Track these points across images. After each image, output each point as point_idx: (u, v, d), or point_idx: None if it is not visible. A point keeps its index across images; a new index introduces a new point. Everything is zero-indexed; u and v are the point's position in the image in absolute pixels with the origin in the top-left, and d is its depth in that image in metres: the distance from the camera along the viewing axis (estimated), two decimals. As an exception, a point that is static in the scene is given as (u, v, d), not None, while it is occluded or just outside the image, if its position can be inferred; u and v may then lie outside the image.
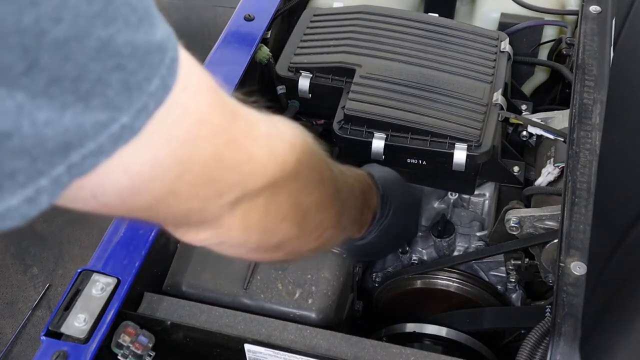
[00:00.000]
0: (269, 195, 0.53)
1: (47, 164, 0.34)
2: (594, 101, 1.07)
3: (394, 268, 1.21)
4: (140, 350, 0.88)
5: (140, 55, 0.36)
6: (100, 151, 0.36)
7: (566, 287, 0.84)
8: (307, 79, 1.17)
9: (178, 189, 0.44)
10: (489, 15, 1.42)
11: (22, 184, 0.34)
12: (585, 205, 0.93)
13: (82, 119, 0.34)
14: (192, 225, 0.52)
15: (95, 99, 0.35)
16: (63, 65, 0.33)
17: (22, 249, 2.25)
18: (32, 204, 0.35)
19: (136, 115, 0.37)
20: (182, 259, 1.00)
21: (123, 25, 0.35)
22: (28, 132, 0.33)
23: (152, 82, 0.37)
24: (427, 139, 1.04)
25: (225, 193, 0.48)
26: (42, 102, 0.33)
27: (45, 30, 0.32)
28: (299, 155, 0.55)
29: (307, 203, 0.60)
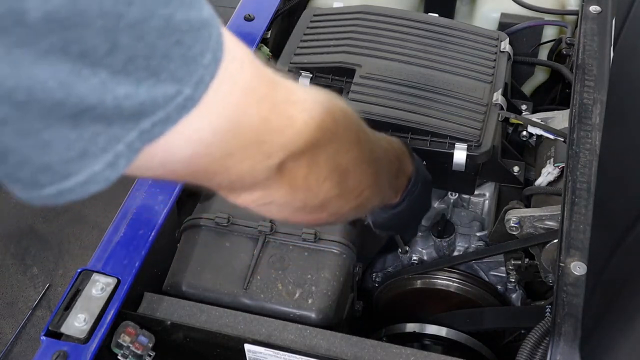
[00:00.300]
0: (310, 156, 0.57)
1: (122, 130, 0.39)
2: (594, 101, 1.07)
3: (394, 268, 1.21)
4: (140, 350, 0.88)
5: (194, 31, 0.40)
6: (167, 120, 0.41)
7: (566, 287, 0.84)
8: (307, 79, 1.17)
9: (233, 152, 0.49)
10: (489, 15, 1.42)
11: (103, 149, 0.39)
12: (585, 205, 0.93)
13: (154, 92, 0.39)
14: (244, 188, 0.56)
15: (163, 73, 0.39)
16: (136, 44, 0.37)
17: (22, 249, 2.25)
18: (113, 167, 0.40)
19: (196, 87, 0.41)
20: (182, 259, 1.00)
21: (179, 4, 0.39)
22: (110, 105, 0.37)
23: (206, 55, 0.41)
24: (427, 139, 1.04)
25: (272, 154, 0.53)
26: (121, 78, 0.37)
27: (121, 13, 0.36)
28: (335, 117, 0.60)
29: (346, 162, 0.64)
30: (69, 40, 0.34)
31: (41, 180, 0.38)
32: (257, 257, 0.98)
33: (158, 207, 1.03)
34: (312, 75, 1.17)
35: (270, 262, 0.98)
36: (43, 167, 0.38)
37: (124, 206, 1.04)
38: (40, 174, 0.38)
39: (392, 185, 0.82)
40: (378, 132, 0.76)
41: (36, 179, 0.38)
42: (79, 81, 0.36)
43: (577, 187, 0.95)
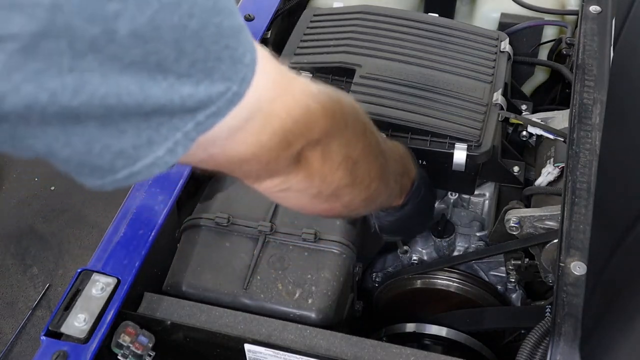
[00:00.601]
0: (324, 145, 0.63)
1: (182, 121, 0.45)
2: (594, 101, 1.07)
3: (394, 268, 1.21)
4: (140, 350, 0.88)
5: (237, 35, 0.47)
6: (218, 112, 0.47)
7: (566, 287, 0.84)
8: (307, 79, 1.16)
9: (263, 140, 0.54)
10: (489, 15, 1.42)
11: (165, 137, 0.45)
12: (585, 205, 0.93)
13: (210, 91, 0.45)
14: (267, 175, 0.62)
15: (216, 74, 0.45)
16: (197, 50, 0.43)
17: (22, 249, 2.25)
18: (172, 153, 0.46)
19: (241, 84, 0.47)
20: (182, 259, 1.00)
21: (226, 12, 0.45)
22: (177, 103, 0.44)
23: (246, 56, 0.48)
24: (427, 139, 1.04)
25: (294, 142, 0.58)
26: (185, 80, 0.43)
27: (186, 25, 0.42)
28: (344, 109, 0.65)
29: (355, 152, 0.69)
30: (148, 52, 0.40)
31: (117, 165, 0.45)
32: (257, 257, 0.98)
33: (158, 207, 1.03)
34: (312, 75, 1.17)
35: (270, 262, 0.98)
36: (119, 152, 0.44)
37: (124, 206, 1.04)
38: (116, 159, 0.44)
39: (398, 183, 0.86)
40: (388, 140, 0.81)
41: (113, 164, 0.45)
42: (154, 86, 0.42)
43: (577, 187, 0.95)
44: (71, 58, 0.37)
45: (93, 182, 0.46)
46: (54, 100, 0.38)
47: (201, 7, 0.42)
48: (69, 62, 0.37)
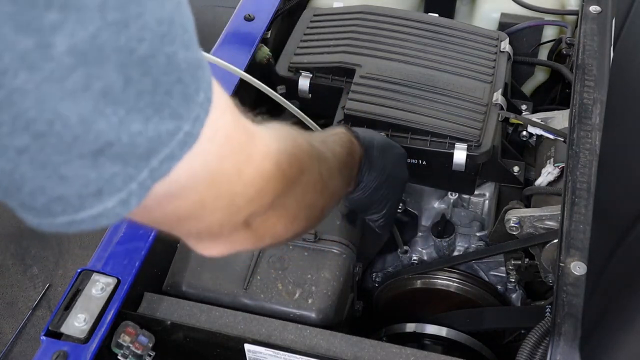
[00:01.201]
0: (279, 206, 0.59)
1: (135, 169, 0.40)
2: (594, 101, 1.07)
3: (394, 268, 1.21)
4: (140, 350, 0.88)
5: (192, 70, 0.42)
6: (172, 156, 0.42)
7: (566, 287, 0.84)
8: (307, 79, 1.17)
9: (206, 200, 0.49)
10: (489, 15, 1.42)
11: (119, 188, 0.40)
12: (585, 205, 0.93)
13: (159, 129, 0.40)
14: (212, 239, 0.58)
15: (165, 110, 0.40)
16: (143, 80, 0.38)
17: (22, 249, 2.25)
18: (125, 205, 0.41)
19: (193, 124, 0.42)
20: (182, 259, 1.00)
21: (180, 44, 0.40)
22: (125, 142, 0.38)
23: (200, 94, 0.43)
24: (427, 139, 1.04)
25: (243, 208, 0.54)
26: (134, 115, 0.38)
27: (133, 48, 0.37)
28: (300, 163, 0.61)
29: (312, 199, 0.67)
30: (91, 75, 0.36)
31: (54, 210, 0.39)
32: (257, 257, 0.98)
33: (158, 207, 1.03)
34: (312, 75, 1.17)
35: (270, 262, 0.98)
36: (57, 198, 0.39)
37: (124, 206, 1.04)
38: (54, 204, 0.39)
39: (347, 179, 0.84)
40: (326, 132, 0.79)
41: (49, 208, 0.39)
42: (98, 118, 0.37)
43: (577, 187, 0.95)
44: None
45: (31, 221, 0.41)
46: None
47: (152, 32, 0.38)
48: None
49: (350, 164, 0.84)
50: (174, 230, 0.54)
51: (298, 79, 1.17)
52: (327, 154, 0.73)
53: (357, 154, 0.86)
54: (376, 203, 0.95)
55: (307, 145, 0.66)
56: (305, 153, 0.64)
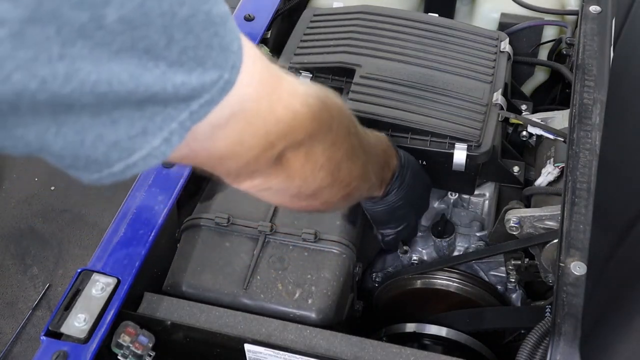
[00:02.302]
0: (308, 147, 0.63)
1: (176, 110, 0.45)
2: (594, 101, 1.07)
3: (394, 268, 1.21)
4: (140, 350, 0.88)
5: (225, 22, 0.46)
6: (211, 101, 0.47)
7: (566, 287, 0.84)
8: (307, 79, 1.17)
9: (244, 139, 0.54)
10: (489, 15, 1.42)
11: (160, 127, 0.44)
12: (585, 205, 0.93)
13: (203, 79, 0.45)
14: (248, 174, 0.62)
15: (208, 62, 0.45)
16: (187, 38, 0.43)
17: (22, 249, 2.25)
18: (168, 143, 0.45)
19: (231, 71, 0.47)
20: (182, 259, 1.00)
21: (214, 1, 0.45)
22: (170, 91, 0.43)
23: (234, 43, 0.48)
24: (427, 139, 1.04)
25: (276, 144, 0.58)
26: (177, 68, 0.43)
27: (175, 12, 0.41)
28: (331, 111, 0.65)
29: (339, 154, 0.69)
30: (136, 38, 0.40)
31: (112, 157, 0.44)
32: (257, 257, 0.98)
33: (158, 207, 1.03)
34: (312, 75, 1.17)
35: (270, 262, 0.98)
36: (113, 143, 0.43)
37: (124, 206, 1.04)
38: (111, 150, 0.44)
39: (378, 177, 0.87)
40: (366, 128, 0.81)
41: (108, 157, 0.44)
42: (145, 72, 0.41)
43: (577, 187, 0.95)
44: (60, 45, 0.37)
45: (89, 176, 0.45)
46: (44, 88, 0.37)
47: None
48: (58, 49, 0.37)
49: (384, 162, 0.88)
50: (215, 169, 0.59)
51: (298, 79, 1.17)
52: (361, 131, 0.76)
53: (392, 163, 0.91)
54: (394, 220, 0.99)
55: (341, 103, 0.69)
56: (336, 106, 0.67)
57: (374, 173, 0.85)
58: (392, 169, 0.92)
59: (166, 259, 1.02)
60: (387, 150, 0.90)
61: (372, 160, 0.82)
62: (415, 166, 0.98)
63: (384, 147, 0.88)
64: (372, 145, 0.82)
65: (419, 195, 1.00)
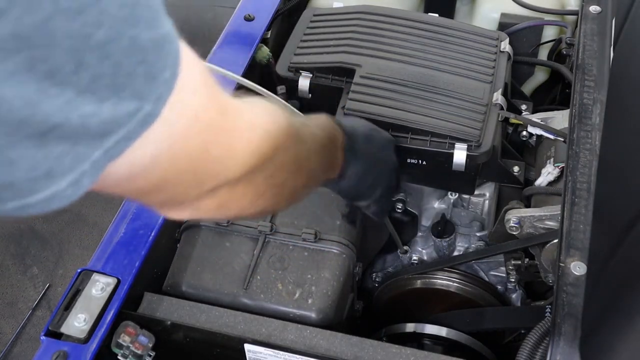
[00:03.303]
0: (246, 182, 0.59)
1: (88, 148, 0.39)
2: (594, 101, 1.07)
3: (394, 268, 1.21)
4: (140, 350, 0.88)
5: (157, 48, 0.41)
6: (129, 136, 0.41)
7: (566, 287, 0.84)
8: (307, 79, 1.17)
9: (168, 176, 0.49)
10: (489, 15, 1.42)
11: (70, 168, 0.39)
12: (585, 205, 0.93)
13: (116, 110, 0.39)
14: (175, 206, 0.58)
15: (126, 91, 0.39)
16: (102, 63, 0.37)
17: (22, 249, 2.25)
18: (77, 186, 0.40)
19: (156, 103, 0.41)
20: (182, 259, 1.00)
21: (145, 24, 0.39)
22: (75, 123, 0.37)
23: (166, 71, 0.42)
24: (427, 139, 1.04)
25: (206, 182, 0.54)
26: (87, 96, 0.37)
27: (89, 34, 0.36)
28: (275, 141, 0.61)
29: (282, 179, 0.67)
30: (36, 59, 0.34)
31: (3, 197, 0.38)
32: (257, 257, 0.98)
33: (158, 207, 1.03)
34: (312, 75, 1.17)
35: (270, 262, 0.98)
36: (6, 185, 0.37)
37: (124, 206, 1.04)
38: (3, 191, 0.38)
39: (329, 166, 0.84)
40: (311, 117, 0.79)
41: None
42: (45, 100, 0.35)
43: (577, 187, 0.95)
44: None
45: None
46: None
47: (113, 16, 0.37)
48: None
49: (331, 148, 0.84)
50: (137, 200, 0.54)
51: (298, 79, 1.17)
52: (306, 136, 0.73)
53: (338, 141, 0.86)
54: (365, 191, 0.94)
55: (286, 123, 0.65)
56: (282, 131, 0.63)
57: (323, 167, 0.82)
58: (340, 148, 0.87)
59: (166, 259, 1.02)
60: (334, 134, 0.84)
61: (320, 157, 0.79)
62: (364, 132, 0.92)
63: (330, 134, 0.83)
64: (319, 140, 0.78)
65: (378, 156, 0.94)
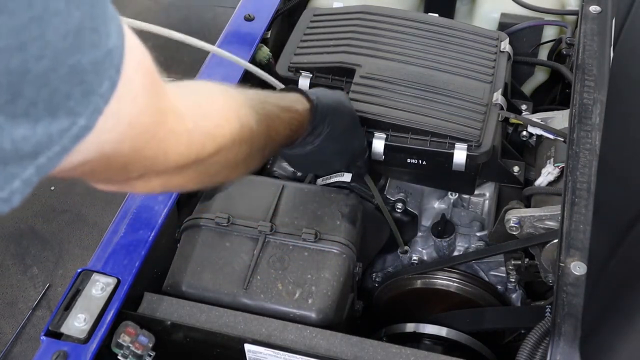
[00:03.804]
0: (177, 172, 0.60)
1: (19, 168, 0.38)
2: (594, 101, 1.07)
3: (394, 268, 1.21)
4: (140, 350, 0.88)
5: (98, 67, 0.40)
6: (63, 151, 0.40)
7: (566, 287, 0.84)
8: (307, 79, 1.17)
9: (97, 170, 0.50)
10: (489, 15, 1.42)
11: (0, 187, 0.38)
12: (585, 205, 0.93)
13: (50, 129, 0.38)
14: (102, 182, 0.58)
15: (60, 110, 0.39)
16: (40, 91, 0.37)
17: (22, 249, 2.25)
18: (6, 203, 0.39)
19: (91, 116, 0.41)
20: (182, 259, 1.00)
21: (89, 48, 0.39)
22: (7, 148, 0.37)
23: (103, 84, 0.41)
24: (427, 139, 1.04)
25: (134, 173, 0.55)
26: (20, 120, 0.37)
27: (29, 69, 0.36)
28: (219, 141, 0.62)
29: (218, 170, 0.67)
30: None
31: None
32: (257, 257, 0.98)
33: (158, 207, 1.03)
34: (312, 75, 1.17)
35: (270, 262, 0.98)
36: None
37: (124, 206, 1.04)
38: None
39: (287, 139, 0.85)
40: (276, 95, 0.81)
41: None
42: None
43: (577, 187, 0.95)
44: None
45: None
46: None
47: (55, 47, 0.36)
48: None
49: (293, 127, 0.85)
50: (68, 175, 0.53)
51: (298, 79, 1.17)
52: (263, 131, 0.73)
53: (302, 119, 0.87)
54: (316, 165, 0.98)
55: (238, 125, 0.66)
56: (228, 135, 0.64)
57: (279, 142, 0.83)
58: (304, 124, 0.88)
59: (166, 259, 1.02)
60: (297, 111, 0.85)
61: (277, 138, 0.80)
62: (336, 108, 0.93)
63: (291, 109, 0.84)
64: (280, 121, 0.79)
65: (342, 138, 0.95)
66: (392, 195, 1.13)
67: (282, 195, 1.05)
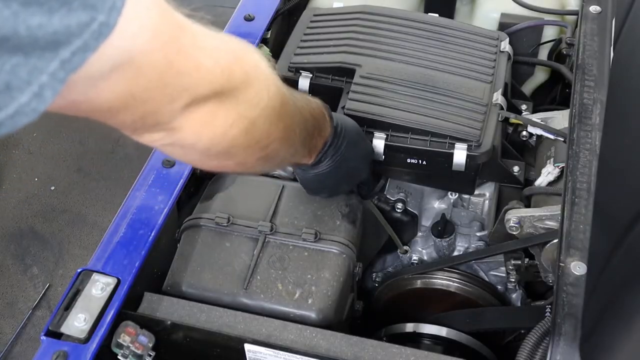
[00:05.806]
0: (216, 102, 0.60)
1: (42, 60, 0.39)
2: (594, 101, 1.07)
3: (394, 268, 1.21)
4: (140, 350, 0.88)
5: None
6: (86, 47, 0.41)
7: (566, 287, 0.84)
8: (307, 79, 1.17)
9: (135, 91, 0.51)
10: (489, 15, 1.42)
11: (27, 81, 0.39)
12: (585, 205, 0.93)
13: (67, 21, 0.39)
14: (147, 128, 0.58)
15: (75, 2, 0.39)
16: None
17: (22, 249, 2.25)
18: (39, 98, 0.40)
19: (109, 13, 0.42)
20: (182, 259, 1.00)
21: None
22: (23, 35, 0.37)
23: None
24: (427, 139, 1.04)
25: (176, 97, 0.55)
26: (34, 9, 0.37)
27: None
28: (246, 68, 0.63)
29: (254, 112, 0.66)
30: None
31: None
32: (257, 257, 0.98)
33: (158, 207, 1.03)
34: (312, 75, 1.17)
35: (270, 262, 0.98)
36: None
37: (124, 206, 1.04)
38: None
39: (306, 144, 0.85)
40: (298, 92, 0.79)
41: None
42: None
43: (577, 187, 0.95)
44: None
45: None
46: None
47: None
48: None
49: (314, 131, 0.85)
50: (106, 121, 0.54)
51: (298, 79, 1.17)
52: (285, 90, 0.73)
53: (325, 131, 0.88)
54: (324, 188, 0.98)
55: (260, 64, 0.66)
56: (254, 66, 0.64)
57: (300, 139, 0.82)
58: (324, 137, 0.89)
59: (166, 259, 1.02)
60: (319, 117, 0.86)
61: (297, 124, 0.78)
62: (354, 136, 0.95)
63: (315, 113, 0.84)
64: (299, 108, 0.79)
65: (354, 166, 0.97)
66: (392, 195, 1.13)
67: (282, 195, 1.05)
